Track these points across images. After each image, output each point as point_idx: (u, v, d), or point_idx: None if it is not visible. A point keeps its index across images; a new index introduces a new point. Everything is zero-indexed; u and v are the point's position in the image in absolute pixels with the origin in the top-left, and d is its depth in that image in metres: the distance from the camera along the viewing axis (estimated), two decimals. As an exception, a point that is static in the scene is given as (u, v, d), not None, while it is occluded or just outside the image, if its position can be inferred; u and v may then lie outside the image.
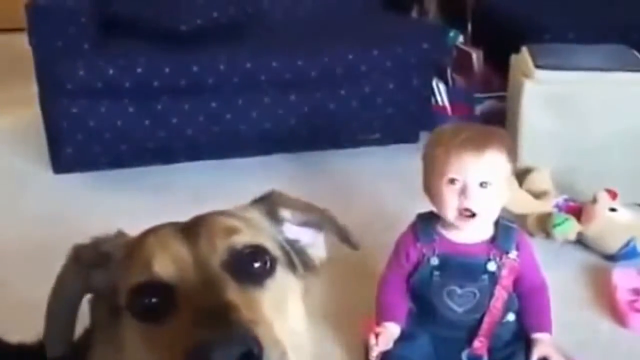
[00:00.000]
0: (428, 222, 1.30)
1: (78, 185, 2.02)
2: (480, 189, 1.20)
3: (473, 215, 1.21)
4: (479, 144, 1.20)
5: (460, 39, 2.59)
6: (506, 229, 1.27)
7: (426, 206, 1.31)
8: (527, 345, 1.27)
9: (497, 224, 1.27)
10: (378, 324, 1.28)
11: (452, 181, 1.21)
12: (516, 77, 1.99)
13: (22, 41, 1.92)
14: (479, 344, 1.26)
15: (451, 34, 2.53)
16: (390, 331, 1.26)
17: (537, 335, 1.27)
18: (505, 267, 1.24)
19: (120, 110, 1.95)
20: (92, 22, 1.94)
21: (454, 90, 2.45)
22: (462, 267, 1.25)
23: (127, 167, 2.10)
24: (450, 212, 1.23)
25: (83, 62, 1.87)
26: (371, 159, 2.21)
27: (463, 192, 1.20)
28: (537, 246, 1.37)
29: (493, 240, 1.26)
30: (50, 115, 1.99)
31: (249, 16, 2.14)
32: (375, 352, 1.23)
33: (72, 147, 1.77)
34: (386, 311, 1.30)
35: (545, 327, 1.28)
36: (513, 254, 1.25)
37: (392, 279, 1.32)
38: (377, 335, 1.24)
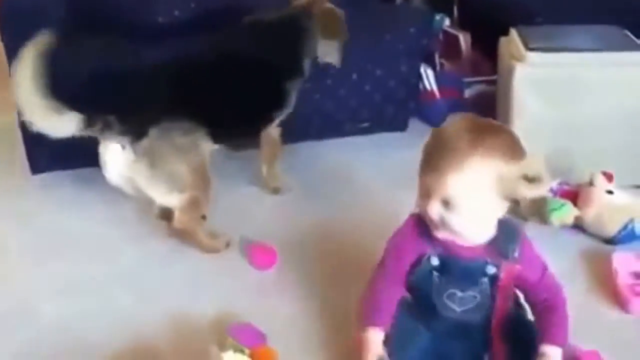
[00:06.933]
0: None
1: (55, 185, 1.98)
2: (444, 208, 1.11)
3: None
4: (451, 162, 1.08)
5: (447, 22, 2.54)
6: (508, 231, 1.19)
7: (415, 195, 1.23)
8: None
9: (499, 223, 1.18)
10: (362, 325, 1.23)
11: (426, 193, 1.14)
12: (506, 61, 1.95)
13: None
14: (497, 349, 1.22)
15: (437, 17, 2.48)
16: (375, 341, 1.21)
17: (544, 349, 1.17)
18: (503, 270, 1.17)
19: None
20: (65, 19, 1.86)
21: (442, 75, 2.40)
22: (462, 271, 1.19)
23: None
24: (426, 217, 1.16)
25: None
26: (360, 148, 2.17)
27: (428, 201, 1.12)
28: (533, 231, 1.33)
29: (493, 242, 1.17)
30: (26, 115, 1.91)
31: (228, 6, 2.07)
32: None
33: (48, 147, 1.71)
34: (375, 314, 1.24)
35: (557, 340, 1.19)
36: (513, 258, 1.17)
37: (387, 279, 1.24)
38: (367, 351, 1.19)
